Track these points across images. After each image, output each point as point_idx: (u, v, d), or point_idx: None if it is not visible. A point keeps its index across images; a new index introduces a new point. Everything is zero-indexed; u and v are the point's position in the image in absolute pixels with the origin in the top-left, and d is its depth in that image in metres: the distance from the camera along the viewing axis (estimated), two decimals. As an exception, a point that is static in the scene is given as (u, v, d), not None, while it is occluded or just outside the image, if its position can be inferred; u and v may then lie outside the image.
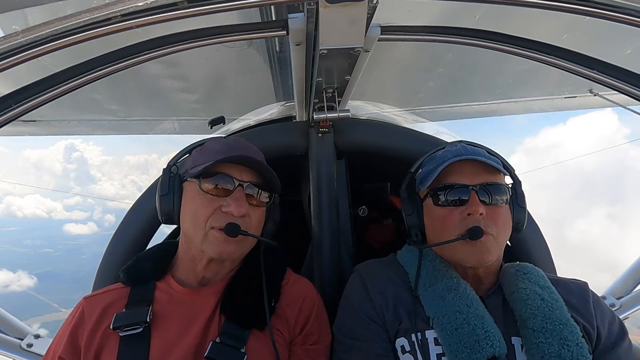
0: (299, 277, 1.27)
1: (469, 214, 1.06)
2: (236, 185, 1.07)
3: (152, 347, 1.02)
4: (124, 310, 1.08)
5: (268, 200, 1.16)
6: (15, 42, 0.76)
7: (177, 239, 1.21)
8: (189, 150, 1.21)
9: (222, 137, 1.26)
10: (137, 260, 1.20)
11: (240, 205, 1.05)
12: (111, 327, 1.03)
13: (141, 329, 1.03)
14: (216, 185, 1.07)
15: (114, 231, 1.55)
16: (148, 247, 1.36)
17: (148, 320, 1.03)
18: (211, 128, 2.00)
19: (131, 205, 1.56)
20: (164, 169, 1.16)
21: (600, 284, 1.23)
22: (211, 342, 1.02)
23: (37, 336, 1.91)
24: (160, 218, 1.14)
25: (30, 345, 1.87)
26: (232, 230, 1.03)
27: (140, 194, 1.57)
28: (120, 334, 1.03)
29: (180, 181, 1.13)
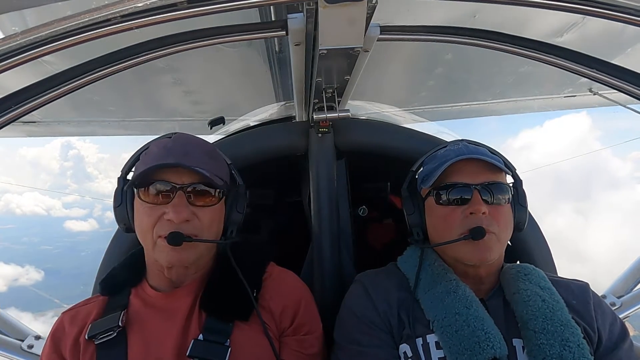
0: (283, 269, 1.24)
1: (471, 213, 1.06)
2: (177, 189, 1.01)
3: (130, 351, 1.01)
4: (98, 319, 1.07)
5: (219, 196, 1.08)
6: (14, 43, 0.76)
7: None
8: (138, 155, 1.15)
9: (167, 136, 1.16)
10: (112, 270, 1.18)
11: (178, 212, 0.99)
12: (86, 337, 1.03)
13: (115, 334, 1.02)
14: (155, 192, 1.02)
15: (113, 228, 1.54)
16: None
17: (120, 324, 1.02)
18: (211, 128, 2.00)
19: None
20: (118, 178, 1.12)
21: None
22: (192, 340, 1.01)
23: (37, 337, 1.91)
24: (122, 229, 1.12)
25: (30, 347, 1.87)
26: (174, 238, 0.97)
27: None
28: (95, 342, 1.02)
29: (132, 190, 1.08)
